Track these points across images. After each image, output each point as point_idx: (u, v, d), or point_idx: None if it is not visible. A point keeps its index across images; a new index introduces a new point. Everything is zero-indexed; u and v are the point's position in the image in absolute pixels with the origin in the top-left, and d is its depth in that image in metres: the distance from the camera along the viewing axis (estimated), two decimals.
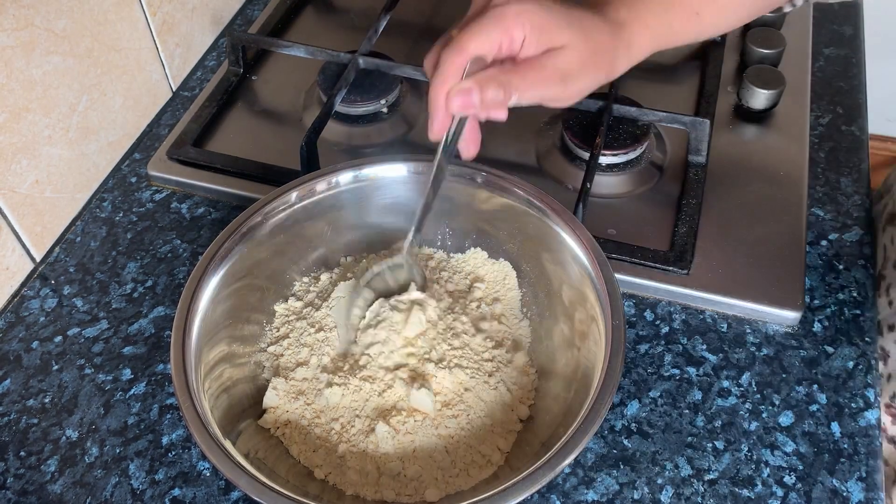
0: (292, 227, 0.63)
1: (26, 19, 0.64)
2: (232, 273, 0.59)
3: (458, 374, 0.57)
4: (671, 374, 0.62)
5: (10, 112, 0.65)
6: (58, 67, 0.69)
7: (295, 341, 0.61)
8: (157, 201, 0.76)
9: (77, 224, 0.74)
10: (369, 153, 0.79)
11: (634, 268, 0.67)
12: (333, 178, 0.63)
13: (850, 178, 0.75)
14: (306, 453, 0.55)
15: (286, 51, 0.84)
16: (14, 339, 0.66)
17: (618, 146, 0.74)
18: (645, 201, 0.73)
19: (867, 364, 0.62)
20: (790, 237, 0.69)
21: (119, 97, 0.78)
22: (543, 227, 0.61)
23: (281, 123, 0.83)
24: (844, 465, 0.57)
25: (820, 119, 0.80)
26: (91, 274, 0.70)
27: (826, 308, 0.66)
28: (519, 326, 0.63)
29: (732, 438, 0.58)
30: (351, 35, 0.93)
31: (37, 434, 0.60)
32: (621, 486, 0.56)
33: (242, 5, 0.97)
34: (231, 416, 0.54)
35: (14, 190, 0.66)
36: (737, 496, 0.56)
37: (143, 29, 0.79)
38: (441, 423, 0.55)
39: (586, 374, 0.54)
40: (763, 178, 0.74)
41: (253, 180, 0.75)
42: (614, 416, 0.60)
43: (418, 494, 0.53)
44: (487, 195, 0.63)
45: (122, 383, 0.63)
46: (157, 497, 0.57)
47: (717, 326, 0.65)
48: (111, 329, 0.66)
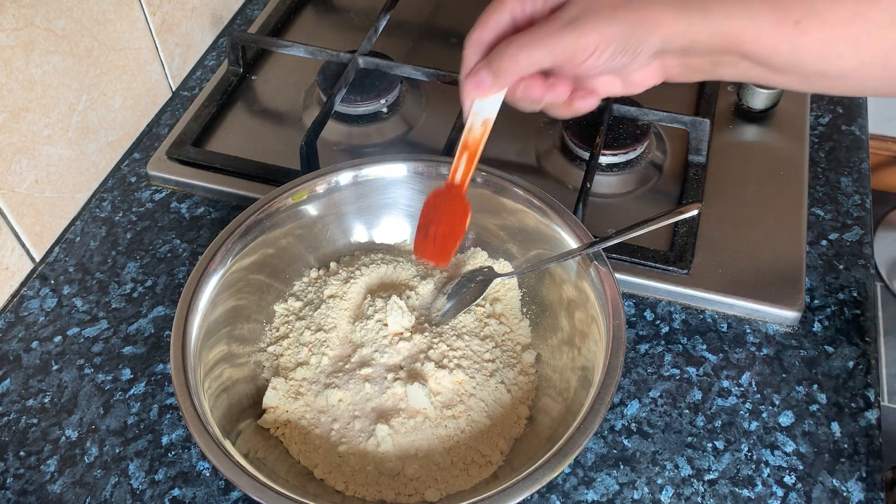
0: (292, 226, 0.63)
1: (26, 19, 0.64)
2: (231, 273, 0.59)
3: (458, 375, 0.57)
4: (671, 373, 0.62)
5: (10, 112, 0.65)
6: (57, 67, 0.69)
7: (295, 341, 0.61)
8: (157, 201, 0.76)
9: (76, 224, 0.74)
10: (369, 153, 0.79)
11: (634, 268, 0.67)
12: (333, 178, 0.63)
13: (850, 178, 0.75)
14: (306, 453, 0.55)
15: (286, 51, 0.84)
16: (14, 338, 0.66)
17: (618, 146, 0.74)
18: (645, 201, 0.73)
19: (867, 364, 0.62)
20: (790, 237, 0.69)
21: (119, 97, 0.78)
22: (543, 227, 0.61)
23: (281, 123, 0.83)
24: (844, 465, 0.57)
25: (820, 119, 0.80)
26: (91, 274, 0.70)
27: (826, 308, 0.66)
28: (519, 326, 0.63)
29: (732, 438, 0.58)
30: (351, 35, 0.93)
31: (36, 434, 0.60)
32: (621, 486, 0.56)
33: (242, 5, 0.97)
34: (231, 416, 0.54)
35: (14, 190, 0.66)
36: (737, 496, 0.56)
37: (142, 29, 0.79)
38: (441, 423, 0.55)
39: (586, 374, 0.54)
40: (763, 178, 0.74)
41: (253, 180, 0.75)
42: (614, 416, 0.60)
43: (418, 494, 0.53)
44: (487, 195, 0.63)
45: (121, 383, 0.63)
46: (156, 497, 0.57)
47: (717, 326, 0.65)
48: (111, 329, 0.66)
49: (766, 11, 0.46)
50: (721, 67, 0.50)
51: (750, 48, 0.47)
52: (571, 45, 0.47)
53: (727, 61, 0.49)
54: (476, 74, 0.49)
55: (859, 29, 0.45)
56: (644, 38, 0.47)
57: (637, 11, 0.47)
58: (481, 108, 0.52)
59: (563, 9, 0.48)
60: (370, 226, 0.67)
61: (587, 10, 0.47)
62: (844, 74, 0.48)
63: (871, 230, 0.71)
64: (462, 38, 0.51)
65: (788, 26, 0.46)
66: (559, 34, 0.47)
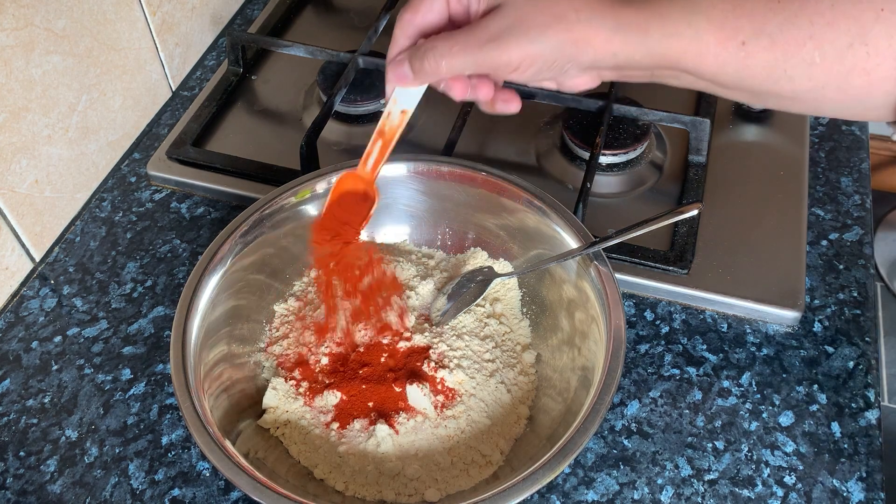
0: (292, 226, 0.63)
1: (26, 19, 0.64)
2: (231, 273, 0.59)
3: (458, 375, 0.57)
4: (671, 374, 0.62)
5: (10, 112, 0.65)
6: (57, 67, 0.69)
7: (295, 341, 0.61)
8: (157, 201, 0.76)
9: (76, 224, 0.74)
10: None
11: (634, 268, 0.67)
12: (333, 177, 0.63)
13: (851, 178, 0.75)
14: (306, 453, 0.55)
15: (286, 50, 0.84)
16: (13, 338, 0.66)
17: (618, 146, 0.74)
18: (645, 201, 0.73)
19: (867, 364, 0.62)
20: (790, 237, 0.69)
21: (118, 97, 0.78)
22: (543, 227, 0.61)
23: (281, 123, 0.83)
24: (844, 465, 0.57)
25: (820, 119, 0.80)
26: (90, 274, 0.70)
27: (826, 308, 0.66)
28: (519, 326, 0.63)
29: (732, 438, 0.58)
30: (351, 35, 0.93)
31: (36, 434, 0.60)
32: (621, 486, 0.56)
33: (242, 5, 0.97)
34: (231, 416, 0.54)
35: (13, 190, 0.66)
36: (737, 496, 0.56)
37: (142, 29, 0.79)
38: (441, 423, 0.55)
39: (586, 374, 0.54)
40: (763, 178, 0.74)
41: (253, 180, 0.75)
42: (614, 416, 0.60)
43: (418, 494, 0.53)
44: (487, 195, 0.63)
45: (121, 383, 0.63)
46: (156, 497, 0.57)
47: (717, 326, 0.65)
48: (111, 329, 0.66)
49: (711, 31, 0.44)
50: (663, 78, 0.48)
51: (691, 66, 0.46)
52: (494, 61, 0.46)
53: (668, 74, 0.47)
54: (399, 66, 0.49)
55: (813, 52, 0.43)
56: (573, 56, 0.46)
57: (568, 31, 0.45)
58: (402, 96, 0.52)
59: (494, 15, 0.46)
60: (370, 226, 0.67)
61: (516, 23, 0.45)
62: (797, 96, 0.46)
63: (871, 230, 0.71)
64: None
65: (734, 47, 0.44)
66: (484, 48, 0.46)
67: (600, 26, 0.45)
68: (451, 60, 0.47)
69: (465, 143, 0.72)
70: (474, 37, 0.46)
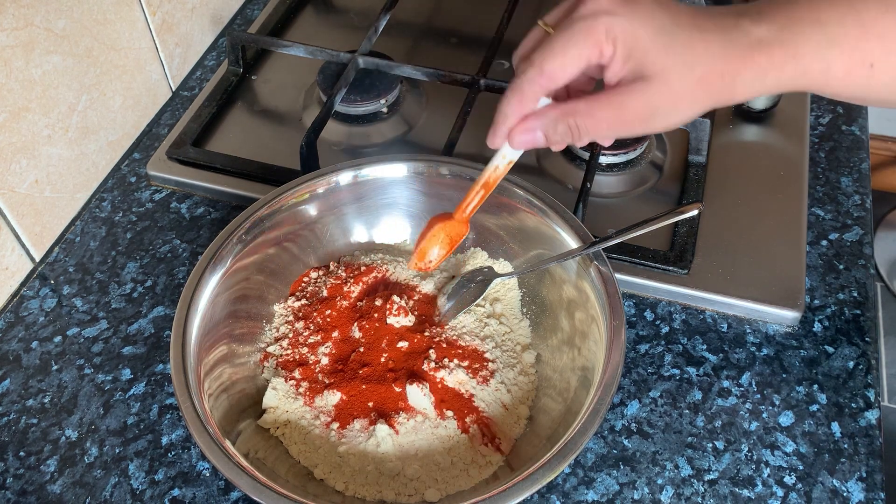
0: (292, 226, 0.63)
1: (26, 19, 0.64)
2: (231, 273, 0.59)
3: (458, 375, 0.57)
4: (671, 374, 0.62)
5: (10, 112, 0.65)
6: (57, 67, 0.69)
7: (294, 341, 0.61)
8: (157, 201, 0.76)
9: (76, 224, 0.74)
10: (369, 153, 0.79)
11: (634, 268, 0.67)
12: (333, 177, 0.63)
13: (851, 178, 0.75)
14: (306, 453, 0.55)
15: (286, 50, 0.84)
16: (13, 339, 0.66)
17: (618, 146, 0.74)
18: (645, 201, 0.73)
19: (867, 364, 0.62)
20: (790, 237, 0.69)
21: (118, 97, 0.78)
22: (543, 227, 0.61)
23: (281, 123, 0.83)
24: (844, 465, 0.57)
25: (820, 119, 0.80)
26: (90, 274, 0.70)
27: (826, 308, 0.66)
28: (519, 326, 0.63)
29: (732, 438, 0.58)
30: (351, 35, 0.93)
31: (36, 434, 0.60)
32: (621, 486, 0.56)
33: (242, 5, 0.97)
34: (231, 416, 0.54)
35: (13, 190, 0.66)
36: (737, 496, 0.56)
37: (142, 29, 0.79)
38: (441, 423, 0.55)
39: (586, 374, 0.54)
40: (763, 178, 0.74)
41: (253, 180, 0.75)
42: (614, 416, 0.60)
43: (418, 494, 0.53)
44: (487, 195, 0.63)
45: (121, 383, 0.63)
46: (156, 497, 0.57)
47: (717, 326, 0.65)
48: (111, 329, 0.66)
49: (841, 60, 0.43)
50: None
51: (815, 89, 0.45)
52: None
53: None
54: (528, 133, 0.46)
55: None
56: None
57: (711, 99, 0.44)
58: (511, 150, 0.51)
59: (644, 89, 0.43)
60: (370, 226, 0.67)
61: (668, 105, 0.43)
62: None
63: (872, 230, 0.71)
64: (462, 38, 0.50)
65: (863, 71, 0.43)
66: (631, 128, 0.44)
67: (741, 84, 0.44)
68: (594, 136, 0.45)
69: (465, 143, 0.72)
70: (624, 115, 0.44)
